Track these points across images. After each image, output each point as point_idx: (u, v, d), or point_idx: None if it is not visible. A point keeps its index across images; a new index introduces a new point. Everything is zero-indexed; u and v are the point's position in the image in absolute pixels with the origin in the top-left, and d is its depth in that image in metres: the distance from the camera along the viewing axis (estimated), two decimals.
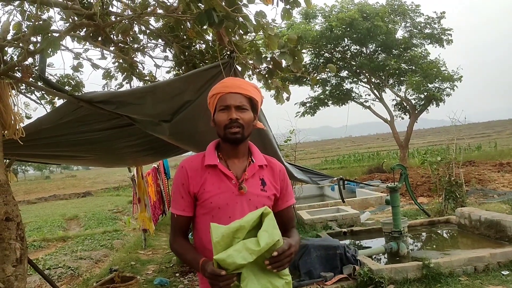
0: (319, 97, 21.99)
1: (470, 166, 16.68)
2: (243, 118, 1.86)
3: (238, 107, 1.86)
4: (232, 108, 1.85)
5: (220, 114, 1.87)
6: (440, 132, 73.92)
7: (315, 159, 37.88)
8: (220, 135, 1.91)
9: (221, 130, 1.87)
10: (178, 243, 1.94)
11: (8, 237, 2.63)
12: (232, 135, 1.85)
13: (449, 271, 5.18)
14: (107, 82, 4.35)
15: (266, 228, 1.65)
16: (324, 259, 5.53)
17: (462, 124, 11.51)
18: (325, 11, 19.57)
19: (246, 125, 1.87)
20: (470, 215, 7.22)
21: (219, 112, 1.88)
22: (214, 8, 2.42)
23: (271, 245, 1.62)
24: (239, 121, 1.84)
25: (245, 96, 1.88)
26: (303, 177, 5.16)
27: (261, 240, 1.60)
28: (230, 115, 1.84)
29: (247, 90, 1.90)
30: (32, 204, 24.47)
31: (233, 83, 1.92)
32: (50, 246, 9.95)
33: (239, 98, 1.87)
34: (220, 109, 1.88)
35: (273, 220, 1.69)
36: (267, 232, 1.63)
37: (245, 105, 1.88)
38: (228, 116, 1.85)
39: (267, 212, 1.70)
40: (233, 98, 1.86)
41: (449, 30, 19.44)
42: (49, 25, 2.60)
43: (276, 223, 1.69)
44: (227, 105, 1.86)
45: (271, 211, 1.71)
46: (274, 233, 1.64)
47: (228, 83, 1.93)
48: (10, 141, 2.89)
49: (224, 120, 1.85)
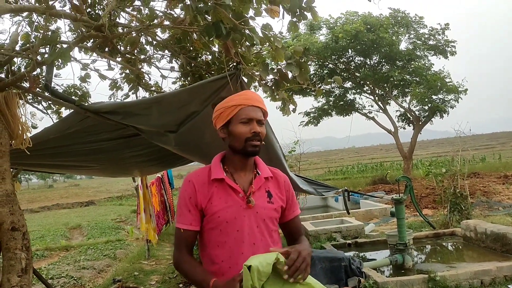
0: (323, 107, 22.02)
1: (475, 178, 16.59)
2: (262, 132, 1.90)
3: (259, 121, 1.89)
4: (255, 121, 1.88)
5: (240, 126, 1.87)
6: (444, 143, 73.68)
7: (319, 170, 37.84)
8: (235, 147, 1.90)
9: (241, 142, 1.87)
10: (186, 262, 1.88)
11: (13, 247, 2.63)
12: (253, 147, 1.87)
13: (455, 284, 5.14)
14: (114, 92, 4.36)
15: None
16: (329, 271, 5.49)
17: (467, 136, 11.48)
18: (330, 23, 19.67)
19: (263, 139, 1.91)
20: (476, 227, 7.17)
21: (240, 124, 1.87)
22: (221, 20, 2.44)
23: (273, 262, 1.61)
24: (260, 134, 1.88)
25: (262, 111, 1.92)
26: (308, 188, 5.14)
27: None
28: (253, 128, 1.86)
29: (264, 105, 1.94)
30: (35, 213, 24.50)
31: (254, 97, 1.94)
32: (53, 256, 9.92)
33: (259, 112, 1.90)
34: (241, 121, 1.87)
35: None
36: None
37: (263, 120, 1.92)
38: (250, 129, 1.86)
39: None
40: (255, 111, 1.89)
41: (453, 42, 19.46)
42: (58, 36, 2.62)
43: None
44: (251, 118, 1.87)
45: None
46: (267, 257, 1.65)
47: (249, 96, 1.94)
48: (17, 150, 2.90)
49: (246, 132, 1.86)
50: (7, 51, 3.11)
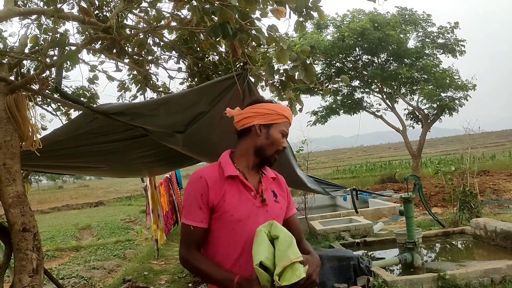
0: (331, 106, 21.96)
1: (485, 176, 16.46)
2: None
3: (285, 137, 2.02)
4: (285, 137, 1.99)
5: (279, 136, 1.94)
6: (453, 141, 73.20)
7: (327, 169, 37.75)
8: (265, 150, 1.93)
9: (273, 150, 1.94)
10: (198, 260, 1.84)
11: (25, 247, 2.66)
12: (275, 160, 1.97)
13: (465, 283, 5.11)
14: (122, 93, 4.39)
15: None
16: (337, 270, 5.48)
17: (476, 133, 11.39)
18: (337, 21, 19.61)
19: None
20: (486, 225, 7.12)
21: (280, 134, 1.95)
22: (228, 21, 2.45)
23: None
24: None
25: None
26: (316, 187, 5.14)
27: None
28: (284, 143, 1.97)
29: None
30: (46, 213, 24.69)
31: (292, 115, 2.04)
32: (63, 256, 10.00)
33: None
34: (281, 132, 1.95)
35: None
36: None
37: None
38: (283, 143, 1.96)
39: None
40: (288, 127, 2.01)
41: (462, 41, 19.30)
42: (66, 38, 2.65)
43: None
44: (287, 134, 1.99)
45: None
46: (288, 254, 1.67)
47: (291, 114, 2.04)
48: (27, 152, 2.93)
49: (280, 144, 1.95)
50: (16, 54, 3.15)
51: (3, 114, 2.74)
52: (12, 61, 3.09)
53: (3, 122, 2.74)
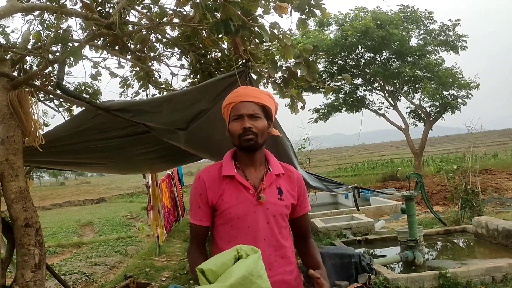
0: (333, 104, 21.92)
1: (487, 175, 16.44)
2: (256, 126, 1.86)
3: (251, 116, 1.87)
4: (245, 117, 1.86)
5: (233, 124, 1.88)
6: (455, 140, 73.08)
7: (328, 167, 37.70)
8: (235, 144, 1.92)
9: (236, 139, 1.88)
10: (192, 253, 1.95)
11: (27, 243, 2.67)
12: (246, 142, 1.85)
13: (466, 281, 5.11)
14: (124, 90, 4.40)
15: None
16: (339, 267, 5.49)
17: (478, 132, 11.38)
18: (339, 19, 19.55)
19: (260, 133, 1.87)
20: (487, 224, 7.12)
21: (233, 122, 1.89)
22: (231, 18, 2.45)
23: None
24: (252, 129, 1.85)
25: (257, 104, 1.89)
26: (318, 184, 5.15)
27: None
28: (243, 124, 1.85)
29: (260, 98, 1.90)
30: (47, 210, 24.76)
31: (245, 92, 1.93)
32: (65, 252, 10.04)
33: (251, 107, 1.88)
34: (233, 118, 1.89)
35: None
36: None
37: (258, 113, 1.88)
38: (241, 125, 1.85)
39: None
40: (246, 106, 1.87)
41: (463, 36, 19.24)
42: (69, 35, 2.65)
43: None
44: (240, 114, 1.87)
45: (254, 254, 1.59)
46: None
47: (241, 92, 1.94)
48: (30, 148, 2.94)
49: (238, 129, 1.86)
50: (19, 50, 3.15)
51: (5, 110, 2.75)
52: (15, 57, 3.10)
53: (5, 118, 2.76)
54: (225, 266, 1.54)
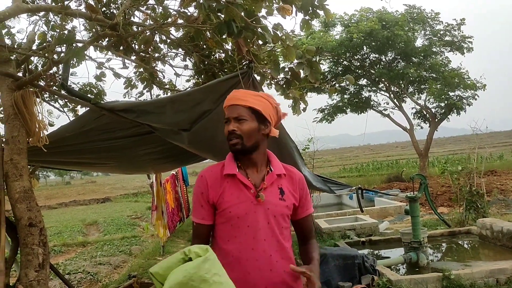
0: (337, 104, 21.89)
1: (492, 176, 16.36)
2: (241, 128, 1.88)
3: (236, 119, 1.89)
4: (231, 120, 1.90)
5: (225, 127, 1.93)
6: (461, 141, 72.68)
7: (333, 167, 37.64)
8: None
9: (227, 142, 1.93)
10: None
11: (31, 242, 2.69)
12: (232, 146, 1.90)
13: (470, 283, 5.09)
14: (128, 90, 4.41)
15: None
16: (342, 268, 5.49)
17: (484, 133, 11.33)
18: (345, 20, 19.52)
19: (246, 135, 1.88)
20: (492, 226, 7.09)
21: (225, 125, 1.93)
22: (233, 19, 2.46)
23: None
24: (236, 132, 1.88)
25: (243, 107, 1.90)
26: (321, 185, 5.14)
27: None
28: (227, 127, 1.90)
29: (246, 101, 1.91)
30: (53, 209, 24.86)
31: (234, 96, 1.96)
32: (70, 251, 10.08)
33: (237, 110, 1.90)
34: (224, 121, 1.94)
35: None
36: None
37: (243, 116, 1.89)
38: (227, 129, 1.90)
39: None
40: (232, 110, 1.91)
41: (469, 37, 19.17)
42: (74, 35, 2.67)
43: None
44: (227, 118, 1.92)
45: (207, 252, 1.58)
46: None
47: (231, 96, 1.97)
48: (34, 148, 2.96)
49: (226, 132, 1.92)
50: (24, 50, 3.17)
51: (10, 110, 2.77)
52: (20, 58, 3.12)
53: (10, 118, 2.77)
54: (169, 269, 1.53)
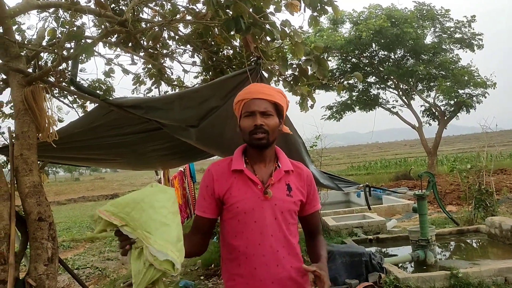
0: (346, 102, 21.80)
1: (502, 174, 16.24)
2: (268, 124, 1.86)
3: (263, 113, 1.87)
4: (257, 114, 1.86)
5: (245, 120, 1.89)
6: (470, 139, 72.17)
7: (341, 165, 37.51)
8: (245, 140, 1.93)
9: (246, 136, 1.89)
10: (184, 238, 1.88)
11: (40, 236, 2.72)
12: (257, 141, 1.86)
13: (478, 281, 5.05)
14: (137, 87, 4.44)
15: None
16: (349, 266, 5.48)
17: (494, 131, 11.23)
18: (353, 17, 19.40)
19: (271, 130, 1.88)
20: (501, 224, 7.04)
21: (244, 118, 1.89)
22: (242, 15, 2.46)
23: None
24: (264, 127, 1.85)
25: (269, 102, 1.89)
26: (329, 183, 5.13)
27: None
28: (255, 121, 1.85)
29: (272, 96, 1.90)
30: (62, 205, 25.09)
31: (257, 89, 1.94)
32: (78, 247, 10.17)
33: (263, 104, 1.88)
34: (245, 115, 1.89)
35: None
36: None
37: (270, 111, 1.88)
38: (253, 122, 1.86)
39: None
40: (258, 104, 1.87)
41: (479, 35, 18.97)
42: (83, 32, 2.69)
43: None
44: (252, 111, 1.87)
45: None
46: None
47: (252, 89, 1.94)
48: (44, 143, 2.99)
49: (249, 126, 1.86)
50: (34, 46, 3.20)
51: (20, 106, 2.80)
52: (30, 54, 3.15)
53: (20, 114, 2.80)
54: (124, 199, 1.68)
